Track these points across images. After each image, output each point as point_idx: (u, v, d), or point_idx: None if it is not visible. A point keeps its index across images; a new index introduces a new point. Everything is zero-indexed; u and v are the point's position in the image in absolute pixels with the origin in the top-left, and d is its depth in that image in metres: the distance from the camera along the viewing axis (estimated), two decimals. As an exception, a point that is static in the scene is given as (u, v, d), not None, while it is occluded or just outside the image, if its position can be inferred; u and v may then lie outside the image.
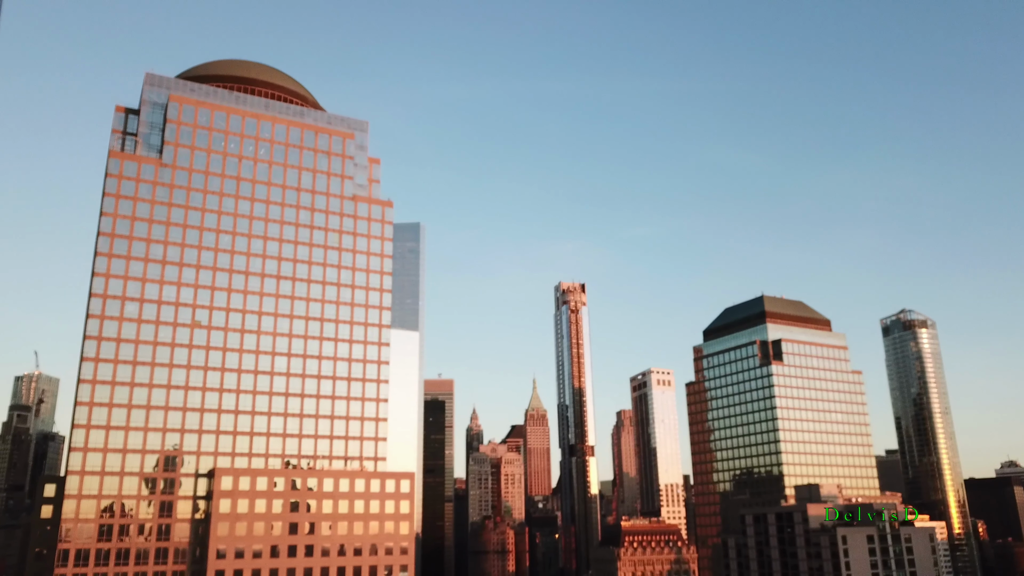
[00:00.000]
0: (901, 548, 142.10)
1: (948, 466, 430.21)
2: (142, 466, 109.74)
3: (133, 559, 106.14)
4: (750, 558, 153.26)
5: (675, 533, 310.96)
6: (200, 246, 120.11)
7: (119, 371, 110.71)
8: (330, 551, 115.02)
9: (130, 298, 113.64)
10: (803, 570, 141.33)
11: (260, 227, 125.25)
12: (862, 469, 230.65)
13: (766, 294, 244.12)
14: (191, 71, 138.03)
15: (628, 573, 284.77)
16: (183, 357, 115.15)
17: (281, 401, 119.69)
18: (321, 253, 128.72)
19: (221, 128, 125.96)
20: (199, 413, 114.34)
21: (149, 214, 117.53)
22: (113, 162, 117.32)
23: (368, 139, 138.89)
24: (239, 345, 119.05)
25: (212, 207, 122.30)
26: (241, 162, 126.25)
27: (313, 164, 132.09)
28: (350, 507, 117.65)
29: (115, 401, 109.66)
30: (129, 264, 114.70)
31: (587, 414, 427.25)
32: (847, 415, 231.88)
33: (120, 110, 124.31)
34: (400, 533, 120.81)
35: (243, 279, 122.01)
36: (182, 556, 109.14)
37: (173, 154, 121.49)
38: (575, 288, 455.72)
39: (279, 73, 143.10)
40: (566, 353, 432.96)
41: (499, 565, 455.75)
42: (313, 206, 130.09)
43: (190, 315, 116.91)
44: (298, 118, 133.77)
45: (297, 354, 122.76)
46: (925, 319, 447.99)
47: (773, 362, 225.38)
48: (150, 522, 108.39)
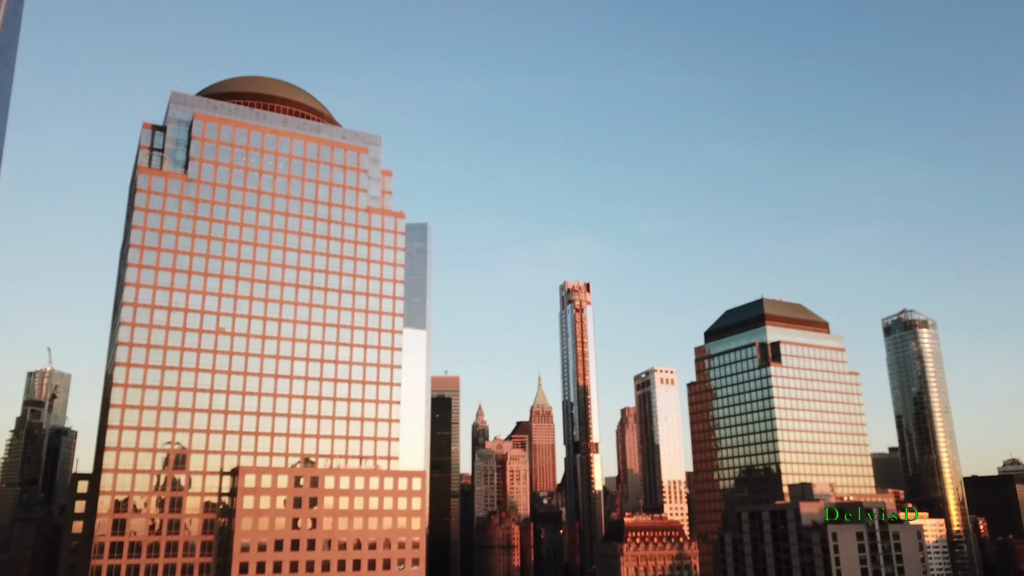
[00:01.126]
0: (889, 545, 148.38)
1: (948, 464, 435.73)
2: (171, 464, 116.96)
3: (163, 551, 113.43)
4: (745, 554, 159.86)
5: (677, 529, 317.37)
6: (223, 257, 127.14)
7: (149, 375, 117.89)
8: (346, 545, 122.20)
9: (159, 306, 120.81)
10: (795, 565, 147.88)
11: (279, 238, 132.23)
12: (858, 468, 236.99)
13: (766, 297, 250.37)
14: (213, 88, 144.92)
15: (631, 568, 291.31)
16: (208, 362, 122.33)
17: (300, 403, 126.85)
18: (337, 263, 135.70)
19: (243, 144, 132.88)
20: (223, 415, 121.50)
21: (176, 227, 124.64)
22: (142, 177, 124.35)
23: (381, 153, 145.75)
24: (260, 350, 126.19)
25: (235, 220, 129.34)
26: (262, 176, 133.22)
27: (329, 178, 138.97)
28: (364, 504, 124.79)
29: (145, 404, 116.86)
30: (158, 274, 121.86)
31: (591, 412, 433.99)
32: (844, 415, 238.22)
33: (147, 127, 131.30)
34: (411, 528, 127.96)
35: (264, 287, 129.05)
36: (208, 548, 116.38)
37: (198, 169, 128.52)
38: (580, 287, 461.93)
39: (296, 89, 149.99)
40: (571, 351, 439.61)
41: (504, 560, 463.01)
42: (330, 218, 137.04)
43: (214, 322, 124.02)
44: (315, 133, 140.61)
45: (315, 359, 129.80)
46: (926, 319, 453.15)
47: (772, 364, 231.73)
48: (178, 516, 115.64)
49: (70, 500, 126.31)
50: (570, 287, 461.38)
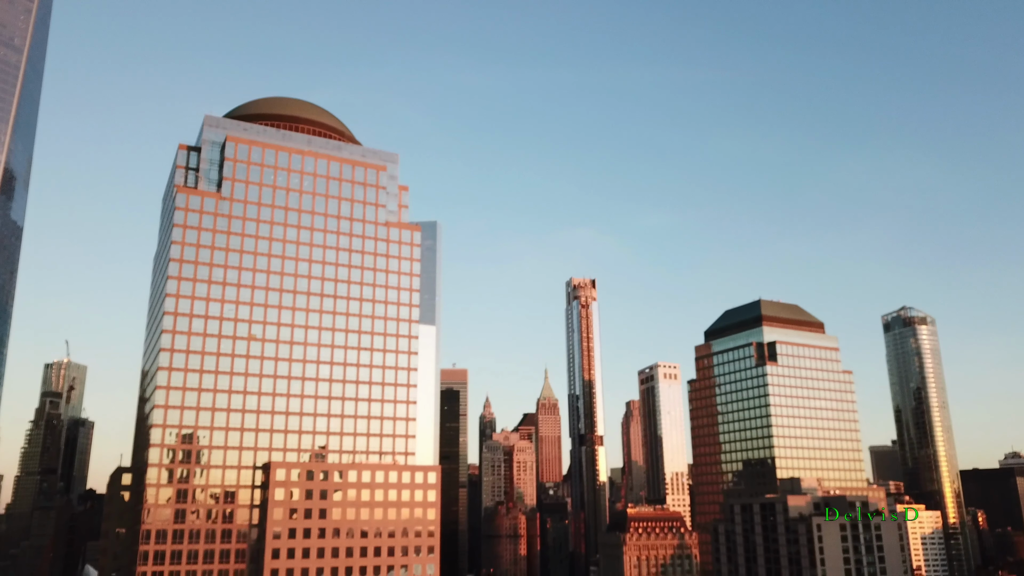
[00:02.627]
0: (871, 536, 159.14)
1: (945, 458, 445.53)
2: (209, 460, 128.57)
3: (203, 538, 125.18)
4: (737, 544, 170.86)
5: (678, 520, 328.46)
6: (254, 269, 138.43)
7: (188, 378, 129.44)
8: (367, 533, 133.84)
9: (196, 315, 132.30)
10: (783, 555, 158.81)
11: (305, 251, 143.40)
12: (850, 463, 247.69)
13: (764, 298, 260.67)
14: (241, 110, 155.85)
15: (633, 557, 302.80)
16: (241, 366, 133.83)
17: (325, 404, 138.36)
18: (358, 273, 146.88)
19: (271, 164, 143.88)
20: (255, 414, 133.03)
21: (211, 242, 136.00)
22: (180, 196, 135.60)
23: (398, 170, 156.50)
24: (288, 355, 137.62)
25: (264, 234, 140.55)
26: (288, 194, 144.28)
27: (351, 194, 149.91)
28: (384, 496, 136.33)
29: (185, 404, 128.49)
30: (195, 286, 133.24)
31: (596, 405, 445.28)
32: (837, 412, 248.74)
33: (183, 148, 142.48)
34: (427, 519, 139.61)
35: (291, 297, 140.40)
36: (243, 536, 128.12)
37: (231, 188, 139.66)
38: (586, 284, 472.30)
39: (318, 109, 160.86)
40: (576, 347, 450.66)
41: (511, 549, 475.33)
42: (351, 232, 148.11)
43: (247, 329, 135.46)
44: (336, 152, 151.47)
45: (338, 362, 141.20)
46: (925, 316, 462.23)
47: (768, 363, 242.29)
48: (216, 507, 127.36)
49: (115, 491, 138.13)
50: (576, 283, 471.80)
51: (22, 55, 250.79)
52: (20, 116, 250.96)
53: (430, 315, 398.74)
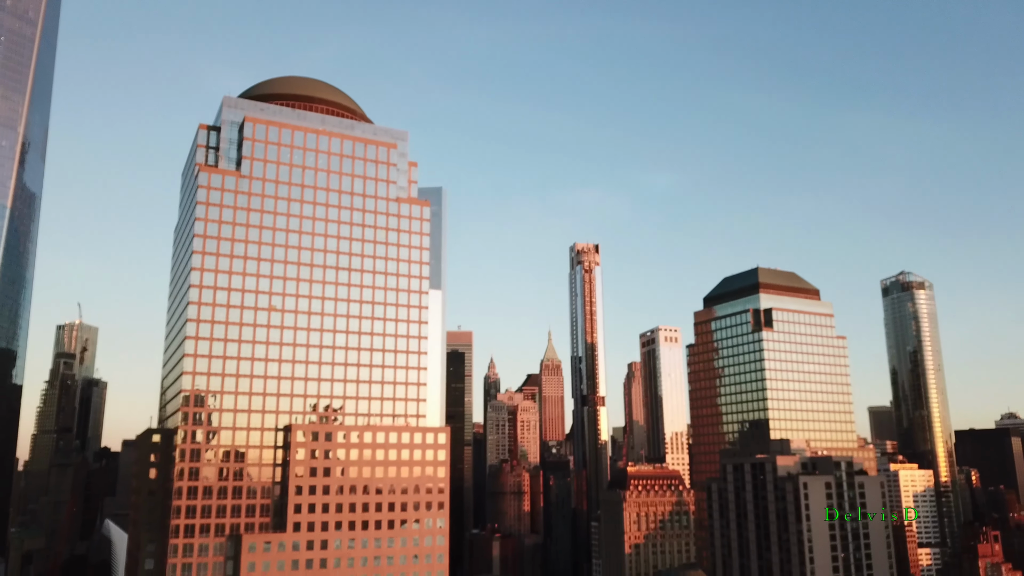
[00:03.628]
0: (855, 494, 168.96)
1: (938, 419, 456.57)
2: (234, 422, 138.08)
3: (230, 494, 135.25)
4: (729, 500, 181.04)
5: (677, 478, 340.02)
6: (273, 244, 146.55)
7: (214, 347, 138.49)
8: (382, 490, 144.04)
9: (220, 287, 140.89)
10: (771, 511, 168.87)
11: (321, 227, 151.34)
12: (842, 424, 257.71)
13: (762, 266, 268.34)
14: (257, 89, 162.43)
15: (633, 514, 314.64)
16: (263, 335, 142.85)
17: (341, 370, 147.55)
18: (371, 247, 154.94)
19: (287, 143, 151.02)
20: (276, 380, 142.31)
21: (232, 218, 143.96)
22: (203, 175, 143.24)
23: (408, 147, 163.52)
24: (307, 324, 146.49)
25: (282, 211, 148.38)
26: (304, 171, 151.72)
27: (363, 171, 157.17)
28: (397, 455, 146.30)
29: (212, 371, 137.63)
30: (218, 260, 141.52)
31: (598, 368, 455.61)
32: (830, 376, 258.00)
33: (203, 127, 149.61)
34: (437, 476, 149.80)
35: (308, 270, 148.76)
36: (267, 492, 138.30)
37: (250, 167, 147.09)
38: (589, 248, 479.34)
39: (332, 88, 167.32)
40: (579, 311, 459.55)
41: (515, 505, 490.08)
42: (364, 208, 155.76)
43: (267, 301, 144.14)
44: (349, 131, 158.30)
45: (353, 331, 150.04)
46: (923, 281, 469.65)
47: (764, 329, 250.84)
48: (241, 466, 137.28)
49: (144, 451, 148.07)
50: (580, 248, 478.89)
51: (36, 28, 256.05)
52: (36, 87, 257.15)
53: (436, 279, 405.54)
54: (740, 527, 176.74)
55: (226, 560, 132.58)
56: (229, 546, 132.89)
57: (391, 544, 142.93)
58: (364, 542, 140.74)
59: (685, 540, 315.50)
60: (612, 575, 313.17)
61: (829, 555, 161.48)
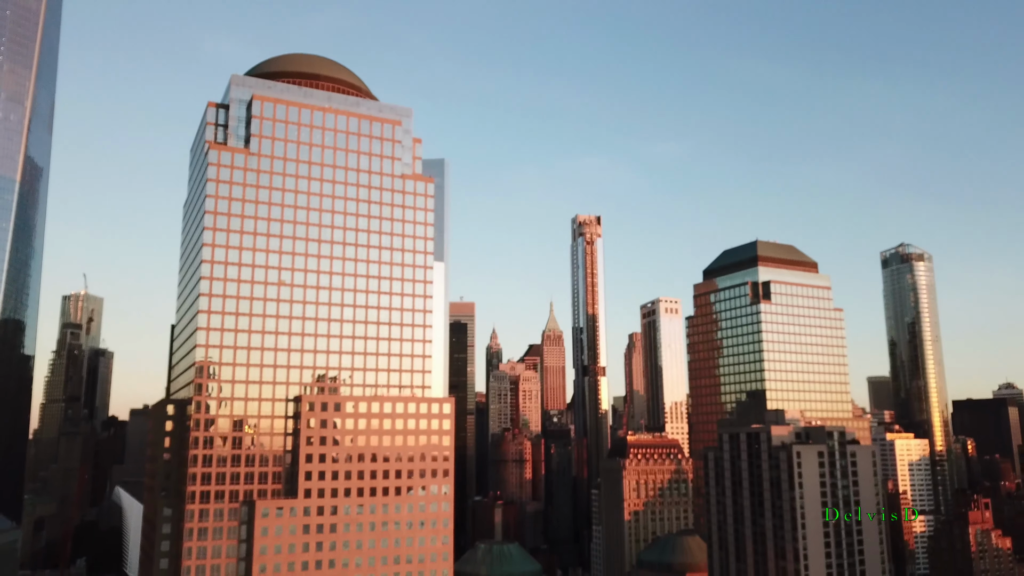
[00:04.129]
0: (847, 462, 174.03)
1: (935, 389, 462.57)
2: (246, 393, 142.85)
3: (243, 462, 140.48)
4: (725, 469, 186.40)
5: (676, 447, 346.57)
6: (282, 220, 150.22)
7: (226, 321, 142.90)
8: (389, 458, 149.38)
9: (231, 263, 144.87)
10: (765, 479, 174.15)
11: (328, 203, 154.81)
12: (838, 395, 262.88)
13: (761, 239, 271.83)
14: (263, 67, 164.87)
15: (632, 481, 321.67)
16: (272, 308, 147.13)
17: (349, 342, 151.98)
18: (377, 223, 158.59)
19: (295, 121, 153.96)
20: (287, 352, 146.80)
21: (242, 195, 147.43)
22: (213, 153, 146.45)
23: (412, 124, 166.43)
24: (315, 298, 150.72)
25: (290, 187, 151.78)
26: (311, 149, 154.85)
27: (368, 148, 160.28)
28: (404, 424, 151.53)
29: (224, 344, 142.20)
30: (229, 236, 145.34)
31: (599, 338, 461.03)
32: (826, 347, 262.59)
33: (212, 105, 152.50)
34: (442, 444, 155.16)
35: (316, 245, 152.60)
36: (278, 460, 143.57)
37: (258, 144, 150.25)
38: (591, 220, 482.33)
39: (337, 66, 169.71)
40: (581, 282, 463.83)
41: (517, 473, 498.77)
42: (370, 184, 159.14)
43: (277, 275, 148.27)
44: (354, 108, 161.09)
45: (360, 305, 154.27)
46: (922, 252, 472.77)
47: (762, 301, 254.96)
48: (255, 435, 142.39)
49: (159, 421, 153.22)
50: (581, 220, 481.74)
51: (41, 1, 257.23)
52: (41, 61, 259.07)
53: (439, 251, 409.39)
54: (735, 494, 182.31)
55: (240, 525, 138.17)
56: (243, 511, 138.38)
57: (398, 510, 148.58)
58: (372, 508, 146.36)
59: (683, 507, 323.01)
60: (612, 541, 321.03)
61: (821, 521, 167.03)
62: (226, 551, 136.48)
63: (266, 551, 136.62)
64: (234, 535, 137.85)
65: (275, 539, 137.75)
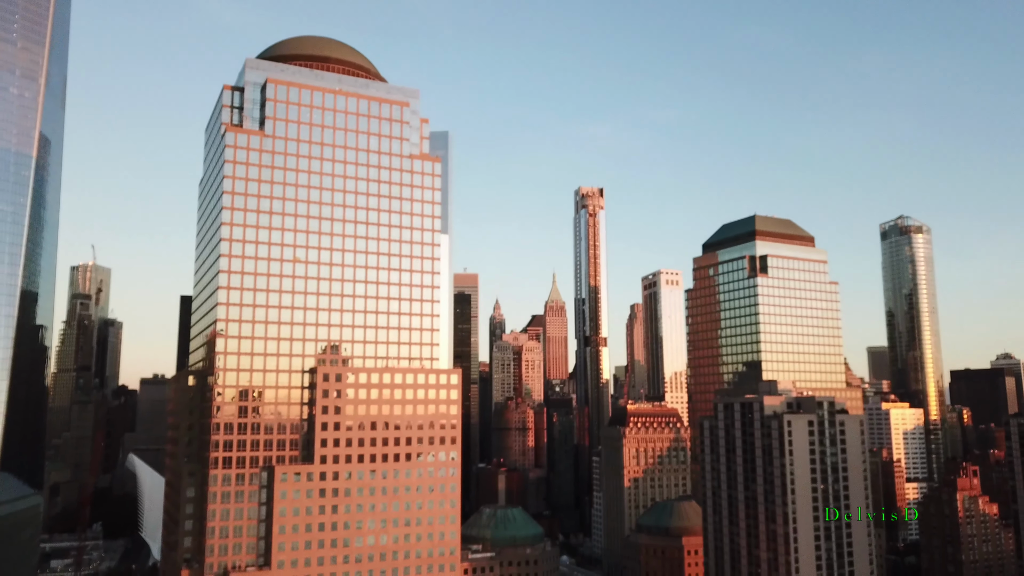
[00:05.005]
0: (835, 431, 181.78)
1: (931, 360, 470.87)
2: (264, 364, 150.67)
3: (263, 430, 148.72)
4: (720, 437, 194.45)
5: (675, 415, 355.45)
6: (296, 199, 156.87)
7: (244, 296, 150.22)
8: (400, 426, 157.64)
9: (248, 241, 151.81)
10: (758, 447, 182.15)
11: (340, 183, 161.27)
12: (832, 366, 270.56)
13: (759, 213, 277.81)
14: (275, 50, 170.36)
15: (632, 449, 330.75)
16: (288, 284, 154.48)
17: (361, 316, 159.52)
18: (386, 202, 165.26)
19: (307, 103, 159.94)
20: (302, 327, 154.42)
21: (258, 176, 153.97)
22: (230, 135, 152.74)
23: (420, 105, 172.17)
24: (329, 274, 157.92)
25: (303, 168, 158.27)
26: (323, 130, 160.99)
27: (378, 129, 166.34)
28: (413, 395, 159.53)
29: (243, 318, 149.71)
30: (246, 215, 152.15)
31: (601, 310, 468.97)
32: (821, 320, 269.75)
33: (228, 88, 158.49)
34: (450, 413, 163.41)
35: (329, 224, 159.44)
36: (295, 428, 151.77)
37: (272, 126, 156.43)
38: (594, 192, 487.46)
39: (347, 48, 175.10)
40: (583, 254, 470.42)
41: (520, 440, 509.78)
42: (379, 164, 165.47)
43: (292, 252, 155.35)
44: (364, 90, 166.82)
45: (371, 281, 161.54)
46: (921, 225, 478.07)
47: (759, 275, 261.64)
48: (273, 405, 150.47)
49: (181, 390, 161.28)
50: (584, 192, 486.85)
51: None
52: (54, 37, 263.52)
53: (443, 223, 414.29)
54: (729, 461, 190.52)
55: (260, 488, 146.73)
56: (263, 476, 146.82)
57: (408, 475, 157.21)
58: (384, 473, 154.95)
59: (682, 474, 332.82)
60: (612, 507, 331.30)
61: (809, 487, 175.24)
62: (247, 513, 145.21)
63: (285, 513, 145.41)
64: (254, 498, 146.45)
65: (293, 502, 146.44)
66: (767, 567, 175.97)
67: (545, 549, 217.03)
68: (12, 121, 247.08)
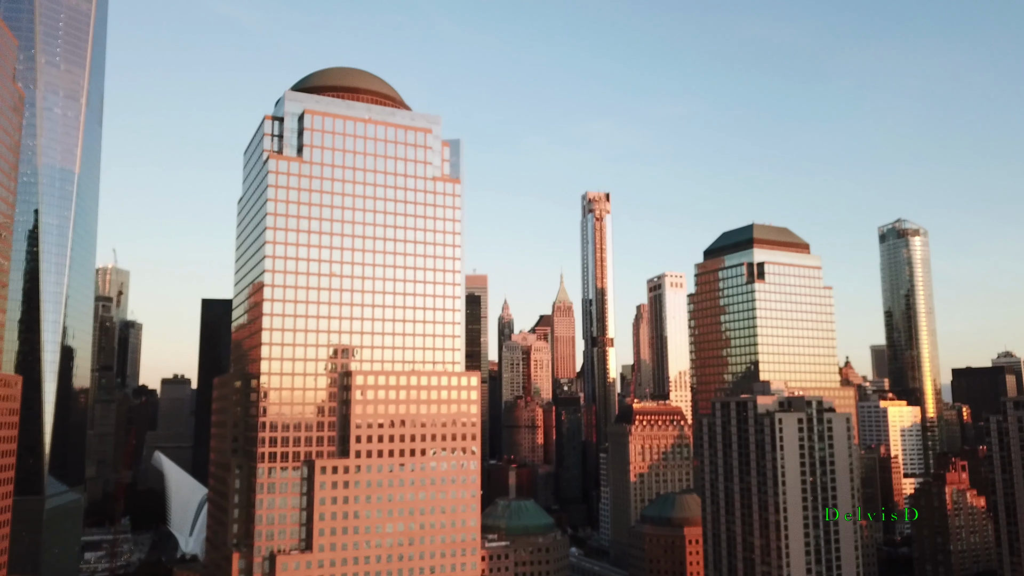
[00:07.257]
0: (824, 428, 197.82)
1: (928, 359, 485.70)
2: (304, 368, 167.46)
3: (304, 427, 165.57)
4: (717, 434, 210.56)
5: (678, 414, 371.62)
6: (332, 219, 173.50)
7: (286, 307, 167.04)
8: (425, 424, 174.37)
9: (289, 257, 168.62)
10: (751, 442, 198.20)
11: (370, 204, 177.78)
12: (825, 367, 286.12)
13: (758, 221, 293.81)
14: (308, 81, 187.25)
15: (638, 446, 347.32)
16: (325, 296, 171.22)
17: (390, 325, 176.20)
18: (412, 221, 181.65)
19: (340, 131, 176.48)
20: (338, 334, 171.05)
21: (297, 199, 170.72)
22: (272, 162, 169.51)
23: (441, 130, 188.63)
24: (361, 287, 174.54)
25: (338, 191, 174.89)
26: (355, 156, 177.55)
27: (404, 155, 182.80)
28: (437, 395, 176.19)
29: (285, 327, 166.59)
30: (287, 235, 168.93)
31: (608, 311, 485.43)
32: (816, 323, 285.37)
33: (268, 118, 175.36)
34: (470, 412, 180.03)
35: (361, 241, 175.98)
36: (332, 426, 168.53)
37: (309, 153, 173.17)
38: (600, 197, 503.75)
39: (375, 79, 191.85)
40: (590, 257, 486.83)
41: (529, 438, 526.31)
42: (405, 187, 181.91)
43: (328, 267, 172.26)
44: (391, 118, 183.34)
45: (399, 292, 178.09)
46: (918, 228, 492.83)
47: (757, 281, 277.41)
48: (313, 405, 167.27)
49: (227, 391, 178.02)
50: (591, 197, 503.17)
51: (91, 3, 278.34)
52: (93, 58, 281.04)
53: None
54: (726, 456, 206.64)
55: (302, 480, 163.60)
56: (304, 469, 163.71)
57: (433, 468, 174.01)
58: (412, 466, 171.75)
59: (685, 470, 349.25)
60: (619, 501, 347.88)
61: (799, 480, 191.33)
62: (291, 503, 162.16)
63: (324, 502, 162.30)
64: (296, 489, 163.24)
65: (331, 492, 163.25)
66: (760, 552, 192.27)
67: (556, 538, 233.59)
68: (57, 139, 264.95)
